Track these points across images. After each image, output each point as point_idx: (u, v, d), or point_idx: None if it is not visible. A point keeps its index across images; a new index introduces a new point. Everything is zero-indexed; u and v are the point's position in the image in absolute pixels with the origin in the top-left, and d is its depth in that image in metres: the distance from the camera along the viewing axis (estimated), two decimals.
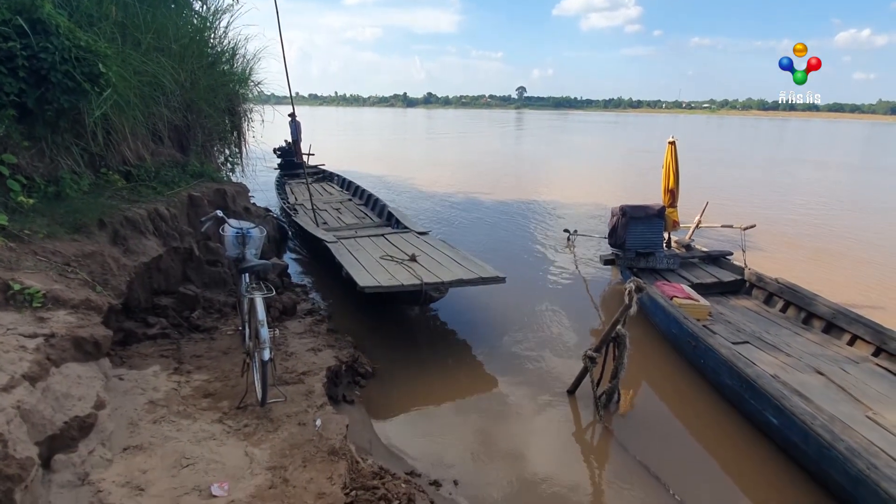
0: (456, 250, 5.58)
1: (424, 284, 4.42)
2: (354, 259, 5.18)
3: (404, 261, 5.14)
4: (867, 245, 8.78)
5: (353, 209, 8.71)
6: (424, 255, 5.37)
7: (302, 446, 2.58)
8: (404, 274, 4.71)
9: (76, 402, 2.18)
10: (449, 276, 4.63)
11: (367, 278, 4.51)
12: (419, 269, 4.89)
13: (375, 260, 5.20)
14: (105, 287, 3.31)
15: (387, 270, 4.83)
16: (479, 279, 4.65)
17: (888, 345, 4.19)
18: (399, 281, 4.48)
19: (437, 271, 4.83)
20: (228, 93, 7.23)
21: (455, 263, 5.08)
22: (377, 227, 7.47)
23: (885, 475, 2.54)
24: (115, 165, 4.89)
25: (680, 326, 4.45)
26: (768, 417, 3.33)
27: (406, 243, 5.94)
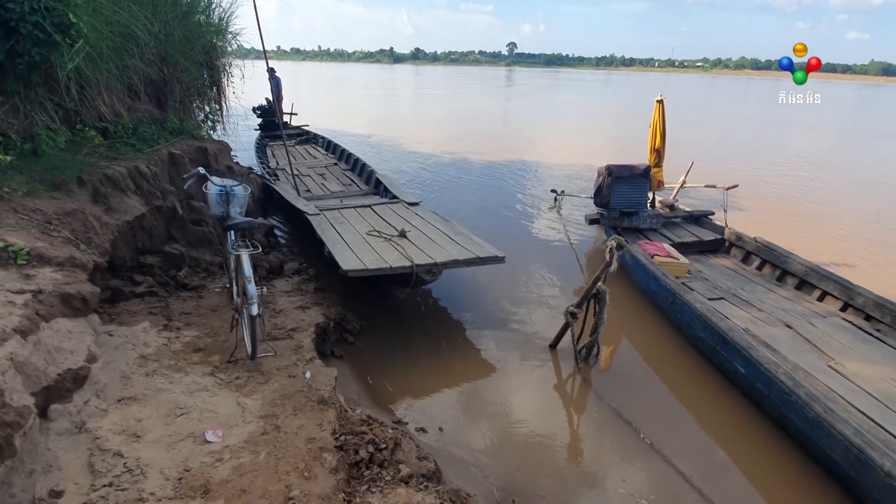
0: (450, 224, 5.22)
1: (415, 266, 4.05)
2: (338, 235, 4.77)
3: (393, 237, 4.74)
4: (845, 206, 8.98)
5: (338, 175, 8.16)
6: (415, 231, 4.98)
7: (292, 396, 2.68)
8: (393, 254, 4.32)
9: (68, 355, 2.23)
10: (442, 256, 4.26)
11: (351, 259, 4.13)
12: (409, 247, 4.51)
13: (361, 236, 4.78)
14: (89, 245, 3.29)
15: (374, 249, 4.43)
16: (476, 259, 4.30)
17: (855, 300, 4.39)
18: (387, 263, 4.09)
19: (429, 250, 4.44)
20: (205, 45, 6.93)
21: (449, 240, 4.71)
22: (364, 195, 7.00)
23: (841, 418, 2.74)
24: (91, 121, 4.75)
25: (659, 283, 4.60)
26: (737, 367, 3.53)
27: (395, 216, 5.53)
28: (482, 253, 4.36)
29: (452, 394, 3.51)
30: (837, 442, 2.68)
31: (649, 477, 2.85)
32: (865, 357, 3.73)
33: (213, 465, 2.18)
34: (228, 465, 2.19)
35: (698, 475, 2.85)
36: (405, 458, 2.39)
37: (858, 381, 3.40)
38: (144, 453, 2.15)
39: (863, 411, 3.09)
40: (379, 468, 2.32)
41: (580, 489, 2.75)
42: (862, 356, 3.74)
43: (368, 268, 3.98)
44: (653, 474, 2.86)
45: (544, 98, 36.15)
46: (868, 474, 2.51)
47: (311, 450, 2.29)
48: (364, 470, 2.29)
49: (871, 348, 3.85)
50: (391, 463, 2.34)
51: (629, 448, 3.06)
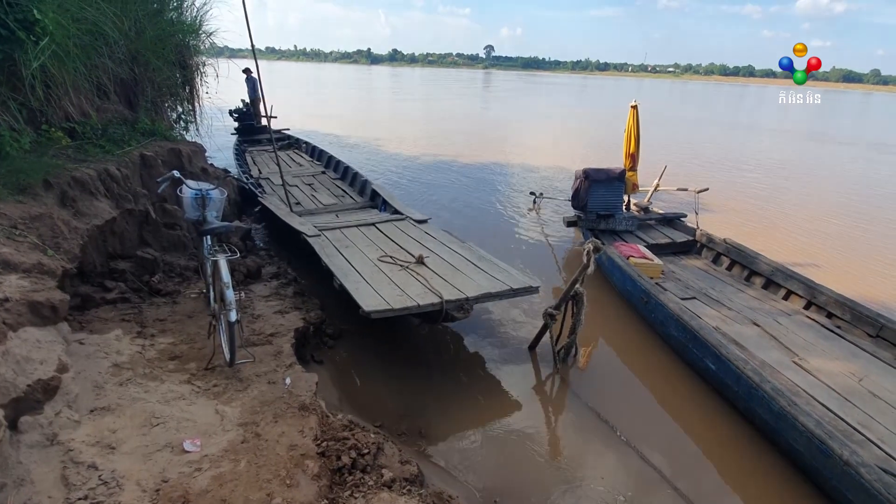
0: (468, 246, 4.71)
1: (445, 303, 3.53)
2: (346, 262, 4.25)
3: (410, 264, 4.22)
4: (807, 208, 9.39)
5: (328, 185, 7.58)
6: (433, 255, 4.45)
7: (272, 403, 2.66)
8: (415, 286, 3.80)
9: (38, 365, 2.16)
10: (473, 289, 3.74)
11: (371, 296, 3.56)
12: (431, 277, 3.99)
13: (373, 263, 4.26)
14: (57, 251, 3.18)
15: (391, 280, 3.92)
16: (509, 291, 3.79)
17: (817, 298, 4.60)
18: (413, 300, 3.54)
19: (454, 280, 3.91)
20: (178, 44, 6.77)
21: (473, 267, 4.20)
22: (361, 209, 6.44)
23: (803, 411, 2.88)
24: (57, 122, 4.58)
25: (634, 284, 4.73)
26: (707, 364, 3.67)
27: (404, 236, 5.02)
28: (515, 283, 3.86)
29: (434, 396, 3.53)
30: (800, 433, 2.82)
31: (626, 474, 2.93)
32: (827, 353, 3.92)
33: (191, 475, 2.15)
34: (208, 474, 2.16)
35: (673, 470, 2.95)
36: (388, 463, 2.40)
37: (820, 376, 3.57)
38: (120, 465, 2.10)
39: (824, 404, 3.25)
40: (361, 473, 2.32)
41: (560, 487, 2.80)
42: (824, 352, 3.93)
43: (394, 307, 3.42)
44: (630, 471, 2.95)
45: (522, 101, 36.55)
46: (828, 463, 2.64)
47: (293, 457, 2.28)
48: (347, 475, 2.29)
49: (832, 344, 4.05)
50: (374, 468, 2.35)
51: (607, 446, 3.14)
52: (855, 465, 2.49)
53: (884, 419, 3.13)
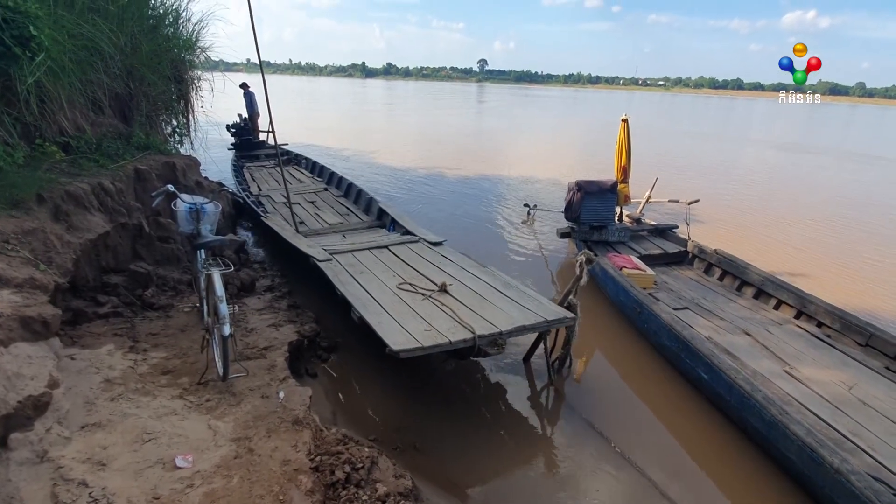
0: (490, 271, 4.45)
1: (478, 338, 3.25)
2: (363, 290, 3.96)
3: (433, 293, 3.93)
4: (796, 217, 9.52)
5: (331, 202, 7.35)
6: (455, 282, 4.17)
7: (266, 418, 2.64)
8: (443, 318, 3.51)
9: (28, 381, 2.14)
10: (505, 322, 3.46)
11: (396, 331, 3.26)
12: (458, 307, 3.70)
13: (392, 291, 3.98)
14: (49, 265, 3.17)
15: (415, 311, 3.62)
16: (543, 323, 3.53)
17: (807, 308, 4.66)
18: (444, 336, 3.23)
19: (484, 311, 3.63)
20: (173, 59, 6.83)
21: (500, 296, 3.94)
22: (368, 228, 6.22)
23: (794, 419, 2.90)
24: (51, 136, 4.59)
25: (627, 294, 4.76)
26: (700, 374, 3.69)
27: (421, 260, 4.75)
28: (549, 315, 3.59)
29: (426, 409, 3.52)
30: (792, 442, 2.84)
31: (621, 484, 2.93)
32: (817, 362, 3.96)
33: (183, 491, 2.12)
34: (200, 490, 2.14)
35: (667, 479, 2.95)
36: (382, 477, 2.39)
37: (811, 385, 3.60)
38: (111, 482, 2.08)
39: (815, 413, 3.28)
40: (356, 488, 2.30)
41: (555, 500, 2.79)
42: (814, 361, 3.96)
43: (423, 345, 3.12)
44: (624, 482, 2.94)
45: (515, 114, 36.95)
46: (819, 471, 2.66)
47: (286, 472, 2.26)
48: (341, 490, 2.27)
49: (823, 353, 4.09)
50: (368, 482, 2.34)
51: (601, 457, 3.14)
52: (845, 472, 2.51)
53: (874, 427, 3.16)
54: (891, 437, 3.07)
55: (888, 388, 3.62)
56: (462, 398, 3.71)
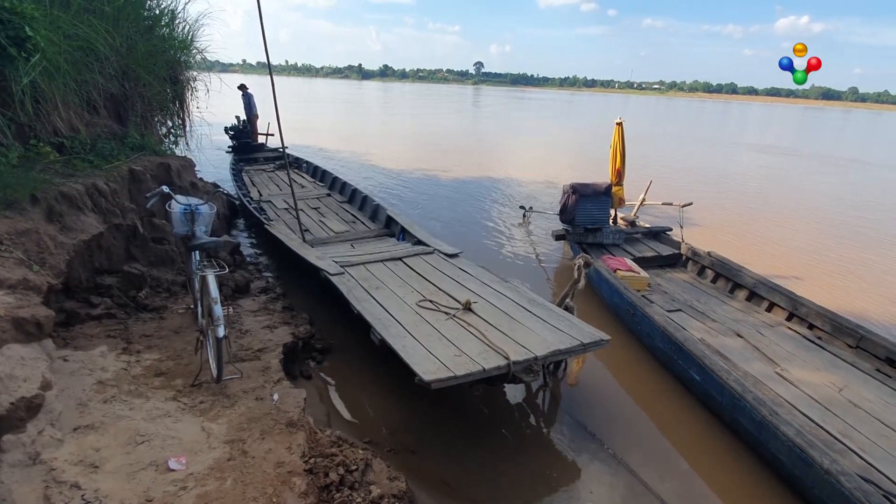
0: (512, 286, 4.22)
1: (513, 364, 3.01)
2: (380, 307, 3.72)
3: (456, 312, 3.67)
4: (790, 221, 9.61)
5: (335, 209, 7.13)
6: (478, 299, 3.93)
7: (260, 420, 2.64)
8: (471, 341, 3.25)
9: (21, 383, 2.13)
10: (540, 346, 3.21)
11: (424, 357, 3.01)
12: (486, 328, 3.43)
13: (412, 309, 3.73)
14: (42, 266, 3.16)
15: (439, 332, 3.36)
16: (579, 346, 3.27)
17: (799, 310, 4.71)
18: (477, 363, 2.97)
19: (514, 333, 3.38)
20: (169, 60, 6.81)
21: (527, 314, 3.71)
22: (377, 237, 5.97)
23: (784, 420, 2.94)
24: (45, 137, 4.57)
25: (621, 296, 4.79)
26: (692, 375, 3.72)
27: (438, 273, 4.47)
28: (585, 337, 3.34)
29: (424, 412, 3.52)
30: (782, 443, 2.87)
31: (614, 486, 2.94)
32: (808, 363, 4.00)
33: (176, 493, 2.12)
34: (193, 493, 2.13)
35: (660, 481, 2.97)
36: (376, 479, 2.39)
37: (802, 387, 3.64)
38: (103, 484, 2.07)
39: (806, 414, 3.31)
40: (350, 490, 2.31)
41: (550, 501, 2.80)
42: (805, 363, 4.00)
43: (457, 374, 2.86)
44: (617, 483, 2.96)
45: (511, 116, 37.06)
46: (809, 472, 2.69)
47: (280, 474, 2.26)
48: (335, 493, 2.28)
49: (813, 355, 4.13)
50: (362, 484, 2.34)
51: (595, 459, 3.15)
52: (835, 473, 2.54)
53: (864, 428, 3.19)
54: (880, 438, 3.11)
55: (878, 389, 3.66)
56: (456, 400, 3.72)
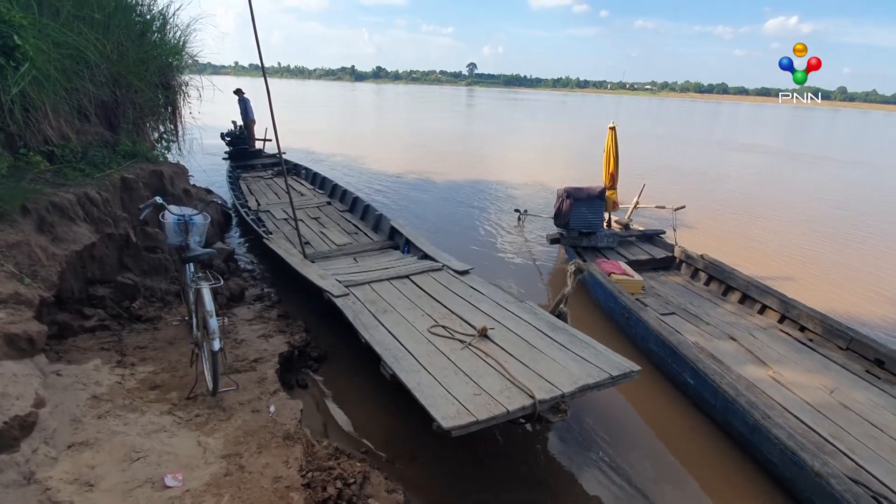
0: (528, 307, 3.95)
1: (539, 403, 2.75)
2: (389, 335, 3.45)
3: (472, 340, 3.39)
4: (780, 222, 9.71)
5: (336, 219, 6.90)
6: (493, 322, 3.67)
7: (256, 433, 2.63)
8: (491, 375, 2.98)
9: (14, 401, 2.11)
10: (566, 380, 2.94)
11: (443, 399, 2.72)
12: (505, 359, 3.16)
13: (424, 337, 3.45)
14: (34, 279, 3.13)
15: (455, 366, 3.08)
16: (608, 380, 3.01)
17: (791, 312, 4.76)
18: (501, 404, 2.70)
19: (536, 364, 3.11)
20: (161, 65, 6.77)
21: (548, 341, 3.44)
22: (381, 250, 5.71)
23: (776, 423, 2.99)
24: (35, 145, 4.52)
25: (615, 300, 4.82)
26: (686, 378, 3.76)
27: (448, 293, 4.20)
28: (614, 369, 3.07)
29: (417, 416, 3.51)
30: (774, 445, 2.91)
31: (608, 489, 2.96)
32: (800, 365, 4.05)
33: None
34: None
35: (653, 484, 3.00)
36: (374, 492, 2.39)
37: (794, 389, 3.68)
38: (99, 503, 2.06)
39: (797, 416, 3.36)
40: None
41: None
42: (797, 365, 4.05)
43: (479, 419, 2.58)
44: (611, 487, 2.98)
45: (504, 118, 37.16)
46: (801, 474, 2.73)
47: (277, 489, 2.26)
48: None
49: (804, 357, 4.18)
50: (360, 498, 2.34)
51: (589, 462, 3.17)
52: (826, 475, 2.58)
53: (853, 430, 3.24)
54: (870, 439, 3.16)
55: (867, 391, 3.71)
56: None
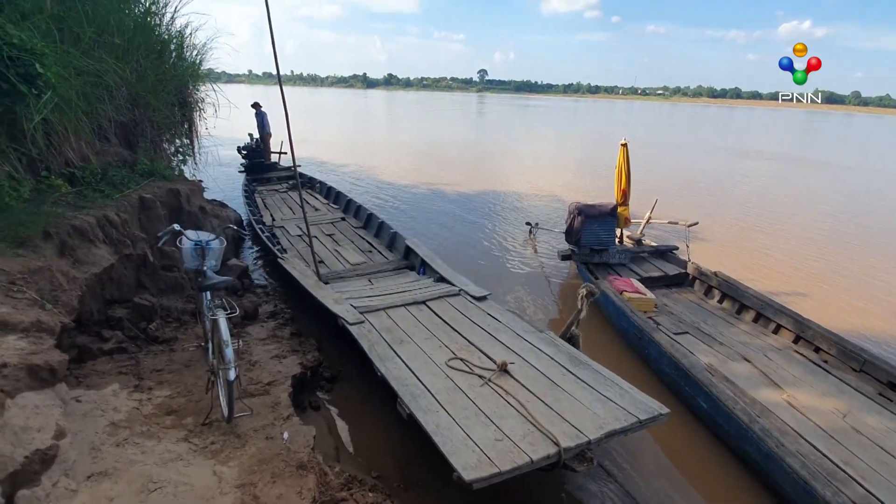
0: (548, 337, 3.81)
1: (564, 451, 2.59)
2: (406, 369, 3.33)
3: (492, 375, 3.24)
4: (795, 234, 9.55)
5: (351, 235, 6.84)
6: (514, 356, 3.51)
7: (270, 461, 2.66)
8: (512, 417, 2.83)
9: (35, 433, 2.16)
10: (592, 424, 2.77)
11: (462, 445, 2.58)
12: (526, 398, 3.02)
13: (443, 372, 3.31)
14: (55, 304, 3.20)
15: (476, 406, 2.93)
16: (637, 424, 2.86)
17: (805, 333, 4.69)
18: (524, 452, 2.55)
19: (559, 405, 2.95)
20: (178, 84, 6.92)
21: (571, 378, 3.29)
22: (395, 270, 5.64)
23: (790, 451, 2.96)
24: (57, 168, 4.64)
25: (627, 319, 4.79)
26: (700, 402, 3.72)
27: (465, 322, 4.09)
28: (642, 412, 2.92)
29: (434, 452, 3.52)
30: (787, 474, 2.88)
31: None
32: (814, 388, 3.98)
33: None
34: None
35: None
36: None
37: (808, 414, 3.63)
38: None
39: (811, 442, 3.31)
40: None
41: None
42: (812, 388, 3.99)
43: (501, 469, 2.45)
44: None
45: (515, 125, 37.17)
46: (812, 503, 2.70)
47: None
48: None
49: (819, 380, 4.12)
50: None
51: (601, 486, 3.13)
52: None
53: (865, 456, 3.20)
54: (881, 465, 3.11)
55: (880, 415, 3.66)
56: None
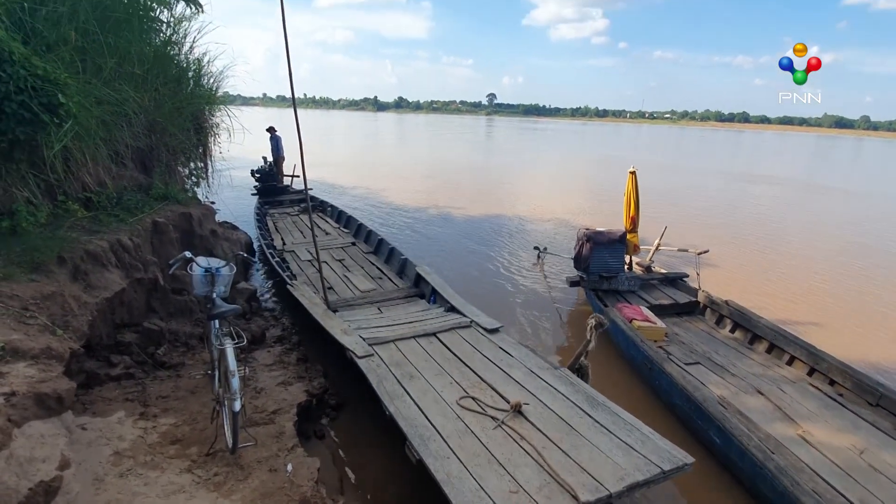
0: (563, 375, 3.68)
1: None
2: (416, 407, 3.22)
3: (505, 417, 3.12)
4: (808, 264, 9.43)
5: (361, 261, 6.80)
6: (528, 396, 3.39)
7: (273, 495, 2.62)
8: (528, 466, 2.70)
9: (40, 464, 2.16)
10: (611, 475, 2.62)
11: (474, 497, 2.45)
12: (541, 443, 2.88)
13: (454, 412, 3.18)
14: (66, 329, 3.23)
15: (488, 451, 2.80)
16: (660, 475, 2.70)
17: (820, 365, 4.57)
18: None
19: (577, 453, 2.81)
20: (194, 110, 7.10)
21: (587, 420, 3.14)
22: (405, 298, 5.54)
23: (805, 490, 2.87)
24: (74, 193, 4.74)
25: (637, 349, 4.71)
26: (712, 437, 3.62)
27: (476, 356, 3.97)
28: (665, 461, 2.76)
29: None
30: None
31: None
32: (829, 423, 3.87)
33: None
34: None
35: None
36: None
37: (823, 450, 3.53)
38: None
39: (826, 480, 3.21)
40: None
41: None
42: (827, 423, 3.88)
43: None
44: None
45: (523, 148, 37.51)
46: None
47: None
48: None
49: (835, 414, 4.00)
50: None
51: None
52: None
53: (882, 494, 3.10)
54: None
55: None
56: None
